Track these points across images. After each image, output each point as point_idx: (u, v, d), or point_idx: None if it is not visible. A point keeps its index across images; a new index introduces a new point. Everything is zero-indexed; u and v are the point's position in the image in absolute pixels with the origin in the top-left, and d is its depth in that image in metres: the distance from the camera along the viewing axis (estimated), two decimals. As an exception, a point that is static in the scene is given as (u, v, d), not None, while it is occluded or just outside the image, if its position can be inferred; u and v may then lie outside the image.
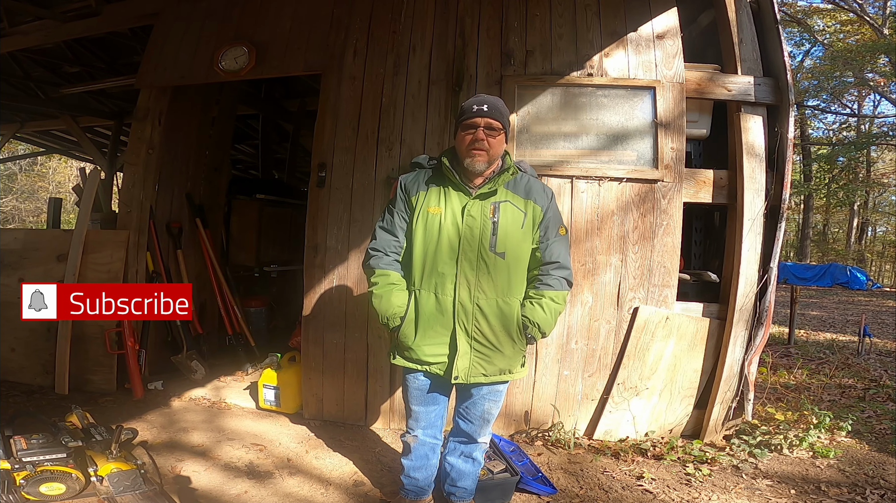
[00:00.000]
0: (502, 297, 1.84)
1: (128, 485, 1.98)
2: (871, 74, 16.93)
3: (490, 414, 1.98)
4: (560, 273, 1.88)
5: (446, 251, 1.82)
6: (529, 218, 1.86)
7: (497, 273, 1.82)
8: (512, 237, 1.83)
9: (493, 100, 1.85)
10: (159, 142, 3.65)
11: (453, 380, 1.86)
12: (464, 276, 1.81)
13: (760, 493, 2.38)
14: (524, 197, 1.87)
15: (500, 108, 1.84)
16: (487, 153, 1.80)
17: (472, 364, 1.85)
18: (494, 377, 1.88)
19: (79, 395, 3.25)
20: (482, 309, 1.83)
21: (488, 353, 1.85)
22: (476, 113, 1.80)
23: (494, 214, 1.82)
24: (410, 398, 2.00)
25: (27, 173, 22.20)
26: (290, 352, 3.36)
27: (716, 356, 2.85)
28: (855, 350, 5.65)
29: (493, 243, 1.81)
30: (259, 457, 2.62)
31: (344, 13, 3.18)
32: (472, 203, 1.83)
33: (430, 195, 1.87)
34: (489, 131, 1.80)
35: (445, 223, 1.83)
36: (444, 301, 1.84)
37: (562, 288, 1.88)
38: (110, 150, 6.30)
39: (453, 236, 1.82)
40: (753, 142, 2.83)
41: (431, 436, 2.04)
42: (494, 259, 1.81)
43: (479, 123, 1.79)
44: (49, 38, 4.16)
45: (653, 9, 2.92)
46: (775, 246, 2.75)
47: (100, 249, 3.46)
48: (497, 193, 1.85)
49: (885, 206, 26.14)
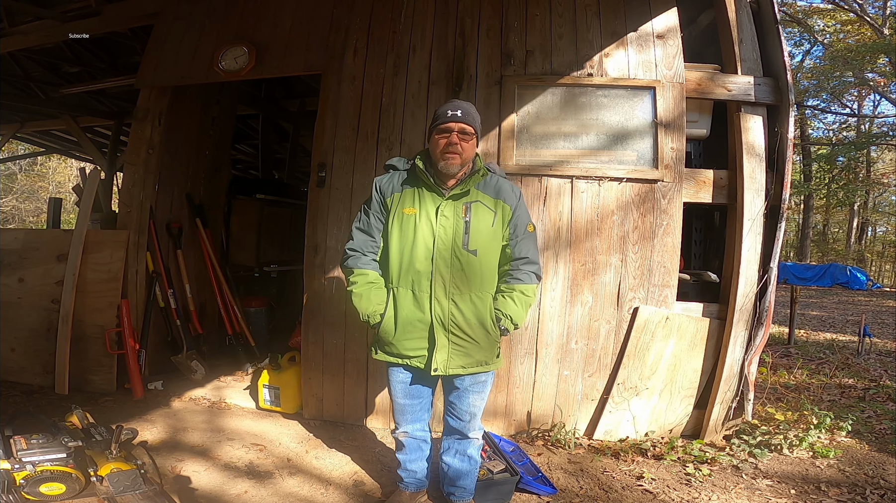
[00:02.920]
0: (475, 292, 1.93)
1: (128, 485, 1.98)
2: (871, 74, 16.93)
3: (476, 406, 2.04)
4: (529, 268, 1.97)
5: (422, 250, 1.91)
6: (499, 216, 1.95)
7: (470, 269, 1.91)
8: (483, 235, 1.92)
9: (466, 105, 1.93)
10: (159, 142, 3.65)
11: (433, 372, 1.94)
12: (439, 274, 1.90)
13: (760, 493, 2.38)
14: (494, 197, 1.96)
15: (472, 114, 1.93)
16: (461, 156, 1.90)
17: (451, 356, 1.94)
18: (473, 369, 1.97)
19: (79, 395, 3.25)
20: (457, 304, 1.91)
21: (465, 346, 1.94)
22: (450, 118, 1.88)
23: (466, 214, 1.91)
24: (394, 392, 2.09)
25: (27, 173, 22.19)
26: (290, 352, 3.36)
27: (716, 356, 2.85)
28: (855, 350, 5.66)
29: (465, 241, 1.90)
30: (259, 457, 2.62)
31: (344, 13, 3.18)
32: (445, 203, 1.92)
33: (405, 196, 1.96)
34: (462, 136, 1.89)
35: (420, 223, 1.92)
36: (421, 297, 1.92)
37: (531, 281, 1.98)
38: (110, 150, 6.29)
39: (428, 236, 1.91)
40: (753, 142, 2.83)
41: (420, 429, 2.14)
42: (467, 256, 1.91)
43: (453, 128, 1.88)
44: (49, 38, 4.16)
45: (653, 9, 2.92)
46: (775, 246, 2.75)
47: (100, 249, 3.46)
48: (469, 194, 1.94)
49: (885, 206, 26.13)
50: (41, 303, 3.48)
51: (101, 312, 3.40)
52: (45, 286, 3.49)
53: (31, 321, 3.50)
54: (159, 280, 3.70)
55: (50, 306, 3.44)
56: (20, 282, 3.56)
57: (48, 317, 3.44)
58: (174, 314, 3.79)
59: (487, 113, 2.94)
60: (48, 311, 3.44)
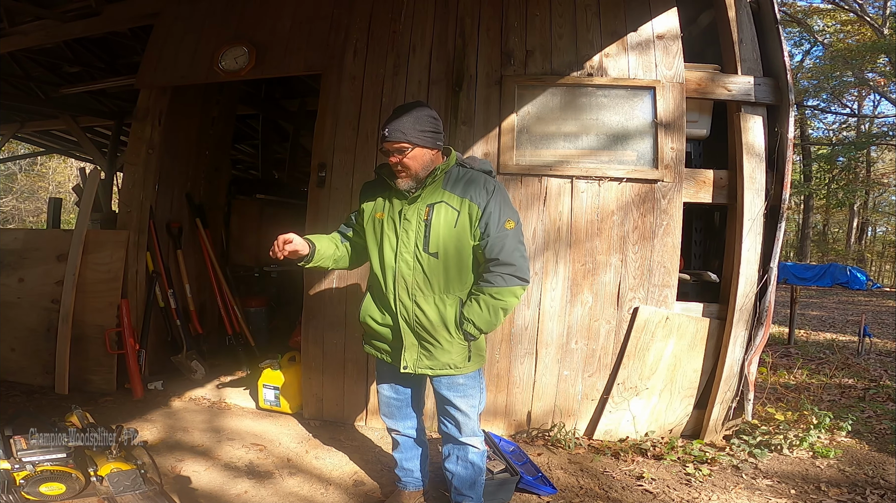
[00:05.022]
0: (439, 295, 1.92)
1: (128, 485, 1.98)
2: (871, 74, 16.94)
3: (460, 410, 1.99)
4: (502, 269, 1.86)
5: (388, 252, 1.94)
6: (464, 216, 1.89)
7: (432, 272, 1.90)
8: (444, 237, 1.89)
9: (395, 121, 1.86)
10: (159, 142, 3.65)
11: (403, 369, 1.95)
12: (401, 275, 1.92)
13: (760, 493, 2.38)
14: (461, 196, 1.91)
15: (401, 128, 1.85)
16: (407, 173, 1.88)
17: (419, 356, 1.95)
18: (441, 370, 1.96)
19: (79, 395, 3.25)
20: (420, 306, 1.91)
21: (430, 349, 1.94)
22: (383, 140, 1.87)
23: (428, 216, 1.90)
24: (380, 383, 2.14)
25: (27, 173, 22.20)
26: (290, 352, 3.36)
27: (716, 356, 2.85)
28: (855, 350, 5.65)
29: (426, 244, 1.89)
30: (259, 456, 2.62)
31: (344, 13, 3.18)
32: (407, 207, 1.93)
33: (378, 201, 2.00)
34: (399, 154, 1.86)
35: (387, 227, 1.95)
36: (388, 297, 1.96)
37: (504, 284, 1.85)
38: (110, 150, 6.29)
39: (392, 239, 1.93)
40: (753, 142, 2.83)
41: (410, 426, 2.16)
42: (428, 259, 1.89)
43: (388, 150, 1.87)
44: (49, 38, 4.16)
45: (653, 9, 2.92)
46: (775, 246, 2.75)
47: (100, 249, 3.46)
48: (433, 195, 1.92)
49: (885, 206, 26.14)
50: (41, 303, 3.48)
51: (101, 312, 3.40)
52: (45, 286, 3.49)
53: (31, 321, 3.50)
54: (159, 280, 3.70)
55: (50, 306, 3.44)
56: (20, 282, 3.57)
57: (48, 317, 3.44)
58: (174, 314, 3.79)
59: (487, 113, 2.94)
60: (48, 311, 3.44)
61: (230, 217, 4.88)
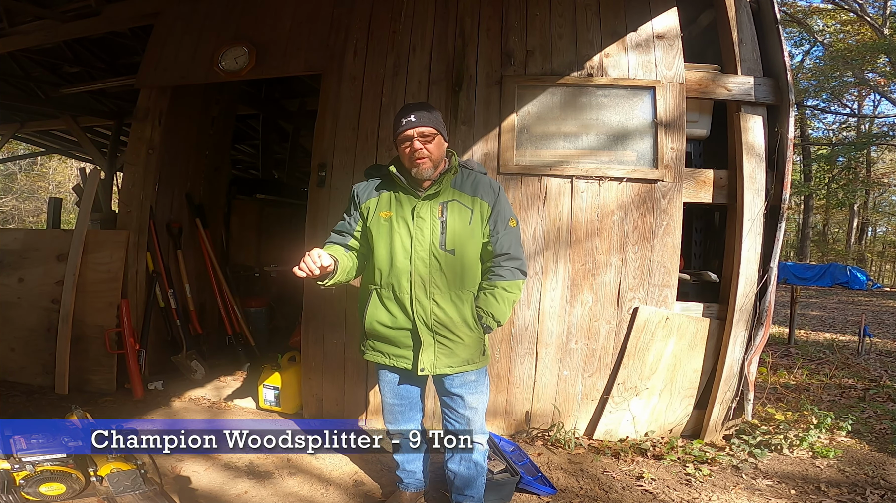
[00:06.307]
0: (456, 291, 1.94)
1: (128, 485, 1.98)
2: (871, 74, 16.93)
3: (471, 406, 2.02)
4: (511, 264, 1.96)
5: (400, 252, 1.92)
6: (477, 214, 1.95)
7: (449, 269, 1.92)
8: (460, 234, 1.93)
9: (419, 109, 1.93)
10: (159, 142, 3.65)
11: (420, 372, 1.94)
12: (418, 274, 1.91)
13: (760, 493, 2.38)
14: (471, 194, 1.97)
15: (428, 115, 1.92)
16: (430, 158, 1.90)
17: (437, 356, 1.94)
18: (460, 367, 1.96)
19: (79, 395, 3.25)
20: (438, 303, 1.92)
21: (450, 345, 1.94)
22: (406, 126, 1.89)
23: (443, 214, 1.93)
24: (384, 392, 2.11)
25: (27, 173, 22.18)
26: (290, 352, 3.36)
27: (716, 356, 2.85)
28: (855, 350, 5.65)
29: (442, 241, 1.91)
30: (259, 456, 2.62)
31: (344, 13, 3.18)
32: (421, 205, 1.93)
33: (382, 201, 1.99)
34: (423, 138, 1.89)
35: (398, 226, 1.93)
36: (402, 298, 1.94)
37: (514, 278, 1.97)
38: (110, 150, 6.29)
39: (405, 237, 1.92)
40: (753, 142, 2.83)
41: (413, 428, 2.14)
42: (445, 256, 1.91)
43: (411, 135, 1.88)
44: (49, 38, 4.16)
45: (653, 9, 2.92)
46: (775, 246, 2.75)
47: (100, 249, 3.46)
48: (444, 193, 1.95)
49: (885, 206, 26.11)
50: (41, 303, 3.48)
51: (101, 312, 3.40)
52: (45, 286, 3.49)
53: (31, 321, 3.50)
54: (159, 280, 3.70)
55: (50, 306, 3.44)
56: (20, 282, 3.57)
57: (48, 317, 3.44)
58: (174, 314, 3.79)
59: (487, 113, 2.94)
60: (48, 311, 3.44)
61: (230, 217, 4.88)
